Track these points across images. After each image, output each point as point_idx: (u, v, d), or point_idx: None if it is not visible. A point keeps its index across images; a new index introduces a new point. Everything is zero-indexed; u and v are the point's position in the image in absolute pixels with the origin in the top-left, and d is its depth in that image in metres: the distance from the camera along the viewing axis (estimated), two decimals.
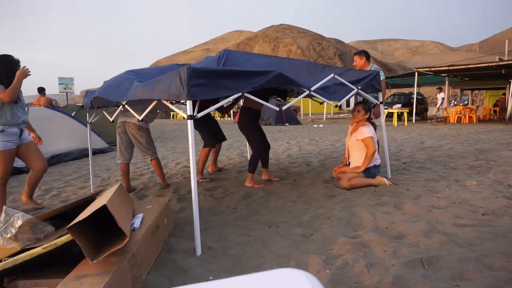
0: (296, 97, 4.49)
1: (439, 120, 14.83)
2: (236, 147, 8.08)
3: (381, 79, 4.78)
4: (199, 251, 2.36)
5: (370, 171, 3.89)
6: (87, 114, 4.29)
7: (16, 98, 3.20)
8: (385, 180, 3.90)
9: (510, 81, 13.44)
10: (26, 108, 6.64)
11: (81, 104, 4.11)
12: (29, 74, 3.29)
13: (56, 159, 6.76)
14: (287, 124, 16.08)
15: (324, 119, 21.18)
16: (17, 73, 3.17)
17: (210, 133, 4.68)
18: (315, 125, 15.45)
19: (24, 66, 3.25)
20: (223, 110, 5.03)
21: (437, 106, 14.43)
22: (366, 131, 3.88)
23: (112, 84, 3.32)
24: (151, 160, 4.11)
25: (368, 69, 4.80)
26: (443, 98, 14.19)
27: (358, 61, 4.87)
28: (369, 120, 4.05)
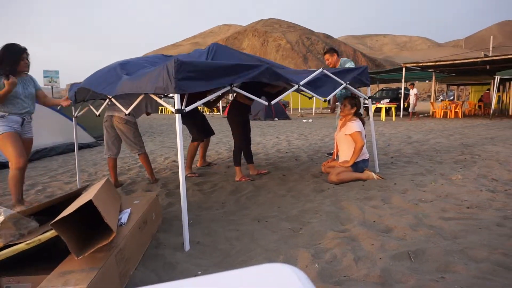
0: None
1: (414, 116, 14.93)
2: (225, 142, 8.06)
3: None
4: (187, 246, 2.35)
5: (358, 166, 3.92)
6: (73, 107, 4.21)
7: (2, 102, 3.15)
8: (373, 174, 3.93)
9: (495, 77, 13.67)
10: None
11: (65, 97, 4.02)
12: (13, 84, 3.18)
13: (41, 154, 6.63)
14: (276, 119, 16.09)
15: (313, 114, 21.27)
16: (6, 83, 3.08)
17: (198, 127, 4.64)
18: (304, 120, 15.50)
19: (13, 77, 3.13)
20: (210, 105, 5.00)
21: (413, 102, 14.44)
22: (354, 125, 3.90)
23: (99, 76, 3.26)
24: (138, 154, 4.06)
25: (339, 63, 4.99)
26: (416, 94, 14.28)
27: (331, 59, 5.01)
28: (357, 115, 4.07)
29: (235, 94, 4.21)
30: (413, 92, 14.29)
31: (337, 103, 5.43)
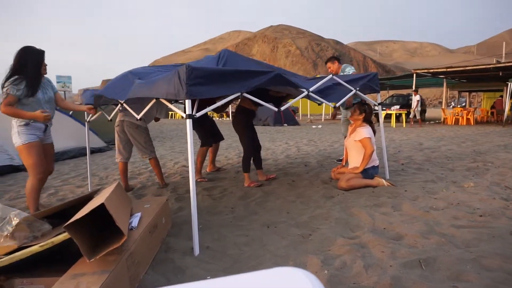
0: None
1: (415, 121, 14.76)
2: (234, 147, 8.08)
3: (351, 72, 4.96)
4: (197, 251, 2.35)
5: (368, 172, 3.90)
6: (85, 112, 4.27)
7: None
8: (383, 181, 3.90)
9: (508, 83, 13.47)
10: None
11: (79, 103, 4.09)
12: (47, 119, 3.10)
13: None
14: (285, 124, 16.08)
15: (323, 120, 21.20)
16: (40, 116, 2.98)
17: (207, 132, 4.68)
18: (313, 126, 15.46)
19: (46, 112, 3.05)
20: (219, 110, 5.03)
21: (413, 108, 14.34)
22: (364, 131, 3.89)
23: (112, 82, 3.32)
24: (149, 159, 4.10)
25: (341, 70, 5.06)
26: (418, 101, 14.18)
27: (333, 67, 5.09)
28: (367, 121, 4.05)
29: (239, 99, 4.24)
30: (415, 98, 14.16)
31: (339, 111, 5.51)
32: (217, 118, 24.39)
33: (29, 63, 2.99)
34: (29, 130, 3.05)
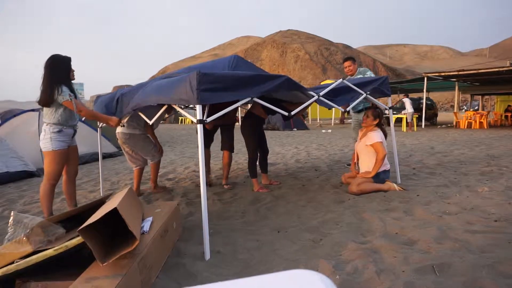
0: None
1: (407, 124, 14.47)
2: (244, 152, 8.09)
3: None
4: (207, 255, 2.36)
5: (379, 177, 3.86)
6: None
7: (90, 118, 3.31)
8: (395, 185, 3.86)
9: None
10: (38, 113, 6.75)
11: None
12: (119, 125, 3.50)
13: None
14: (295, 129, 16.06)
15: (333, 124, 21.10)
16: (112, 118, 3.35)
17: (231, 136, 4.54)
18: (323, 130, 15.40)
19: (120, 120, 3.41)
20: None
21: (407, 111, 14.01)
22: (375, 136, 3.86)
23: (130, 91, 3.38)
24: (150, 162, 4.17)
25: (361, 73, 5.01)
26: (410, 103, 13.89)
27: (353, 66, 5.07)
28: (379, 125, 4.02)
29: (249, 105, 4.23)
30: (407, 101, 13.87)
31: (348, 115, 5.49)
32: None
33: (65, 69, 3.18)
34: (62, 137, 3.19)
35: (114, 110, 3.50)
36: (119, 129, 4.00)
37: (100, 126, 4.28)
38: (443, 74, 15.60)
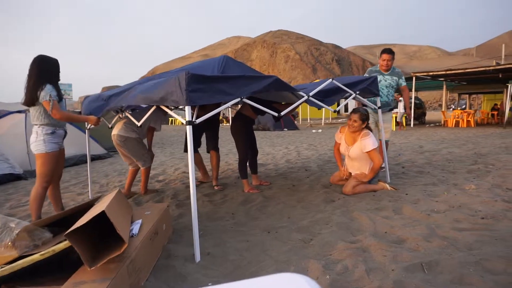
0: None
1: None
2: (234, 153, 8.08)
3: (403, 85, 4.75)
4: (198, 257, 2.35)
5: (372, 178, 3.88)
6: None
7: (65, 120, 3.23)
8: (387, 185, 3.89)
9: (507, 85, 13.48)
10: (25, 115, 6.64)
11: (79, 110, 4.10)
12: (94, 125, 3.45)
13: None
14: (285, 129, 16.10)
15: (323, 124, 21.22)
16: (89, 117, 3.32)
17: (216, 135, 4.59)
18: (313, 130, 15.47)
19: (99, 119, 3.38)
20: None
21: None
22: (370, 142, 3.75)
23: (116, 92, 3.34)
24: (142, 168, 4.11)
25: (391, 68, 4.71)
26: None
27: (391, 62, 4.63)
28: (367, 127, 3.96)
29: (239, 106, 4.22)
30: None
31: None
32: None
33: (52, 70, 3.16)
34: (55, 139, 3.17)
35: (101, 110, 3.47)
36: (115, 131, 3.95)
37: (88, 127, 4.23)
38: (431, 73, 15.80)
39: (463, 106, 28.46)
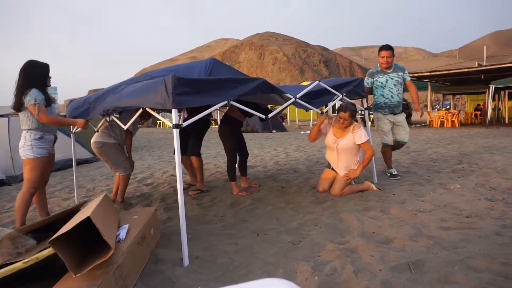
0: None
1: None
2: (223, 155, 8.05)
3: (408, 79, 4.70)
4: (186, 261, 2.33)
5: (359, 177, 3.92)
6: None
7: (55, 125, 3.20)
8: (373, 185, 3.93)
9: (489, 86, 13.81)
10: (7, 119, 6.49)
11: (64, 114, 4.03)
12: (82, 128, 3.41)
13: None
14: (273, 131, 16.13)
15: (311, 125, 21.34)
16: (77, 120, 3.30)
17: (200, 140, 4.46)
18: (302, 132, 15.54)
19: (87, 121, 3.35)
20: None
21: None
22: (364, 134, 3.77)
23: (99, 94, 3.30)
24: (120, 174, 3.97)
25: (392, 66, 4.65)
26: None
27: (392, 58, 4.54)
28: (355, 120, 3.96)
29: (227, 108, 4.21)
30: None
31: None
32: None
33: (40, 75, 3.11)
34: (43, 144, 3.13)
35: (89, 113, 3.41)
36: (93, 139, 3.87)
37: (73, 131, 4.16)
38: (416, 74, 16.06)
39: (448, 107, 29.00)
